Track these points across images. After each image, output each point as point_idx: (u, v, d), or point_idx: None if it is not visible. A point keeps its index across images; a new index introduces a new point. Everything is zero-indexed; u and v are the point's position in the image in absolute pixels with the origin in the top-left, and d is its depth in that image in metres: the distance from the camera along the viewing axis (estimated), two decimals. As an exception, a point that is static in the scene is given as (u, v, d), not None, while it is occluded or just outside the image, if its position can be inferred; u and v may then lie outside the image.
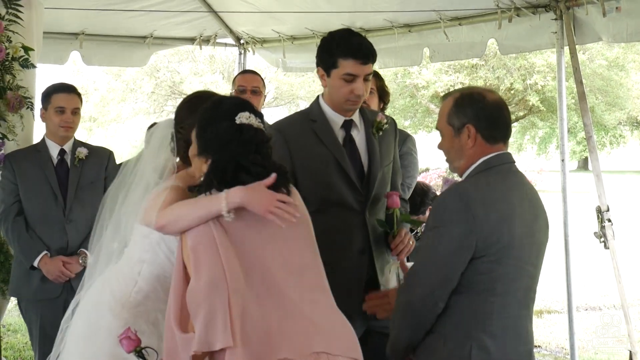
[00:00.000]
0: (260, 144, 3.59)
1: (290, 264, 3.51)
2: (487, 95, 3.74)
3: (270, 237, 3.52)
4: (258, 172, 3.55)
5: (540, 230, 3.76)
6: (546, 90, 37.54)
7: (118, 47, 8.86)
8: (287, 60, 9.09)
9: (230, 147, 3.55)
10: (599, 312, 11.43)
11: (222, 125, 3.59)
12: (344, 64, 4.38)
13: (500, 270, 3.57)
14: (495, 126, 3.73)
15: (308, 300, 3.48)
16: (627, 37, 6.50)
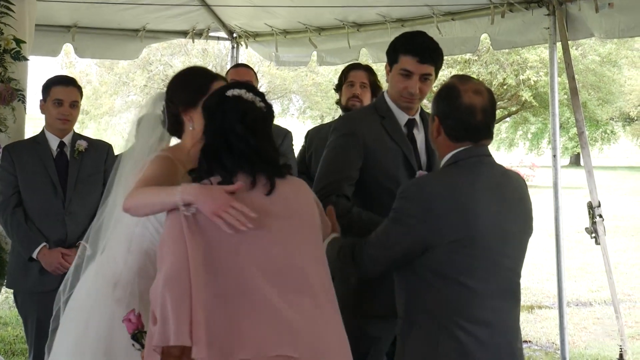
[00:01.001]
0: (251, 116, 3.46)
1: (273, 264, 3.36)
2: (466, 95, 3.68)
3: (252, 237, 3.36)
4: (241, 150, 3.41)
5: (514, 221, 3.74)
6: (539, 86, 37.60)
7: (110, 39, 8.85)
8: (280, 54, 9.09)
9: (216, 118, 3.49)
10: (590, 308, 11.47)
11: (212, 99, 3.57)
12: (403, 60, 4.45)
13: (465, 261, 3.57)
14: (460, 128, 3.70)
15: (289, 303, 3.34)
16: (620, 33, 6.51)
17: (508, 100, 42.08)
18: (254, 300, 3.32)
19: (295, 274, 3.39)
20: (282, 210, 3.44)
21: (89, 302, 4.14)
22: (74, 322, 4.19)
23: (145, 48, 9.43)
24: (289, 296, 3.35)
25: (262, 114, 3.51)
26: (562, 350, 7.02)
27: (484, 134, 3.73)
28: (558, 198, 6.88)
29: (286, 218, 3.44)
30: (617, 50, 43.88)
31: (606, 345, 9.22)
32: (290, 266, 3.39)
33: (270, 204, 3.41)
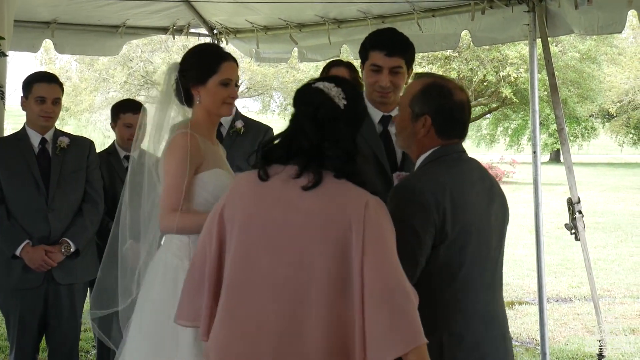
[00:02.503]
0: (323, 112, 3.37)
1: (263, 271, 3.32)
2: (456, 93, 3.77)
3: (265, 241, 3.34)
4: (300, 145, 3.36)
5: (496, 214, 3.82)
6: (519, 83, 37.73)
7: (90, 36, 8.81)
8: (261, 50, 9.08)
9: (295, 107, 3.49)
10: (570, 303, 11.52)
11: (300, 88, 3.54)
12: (372, 55, 4.57)
13: (460, 256, 3.62)
14: (453, 126, 3.79)
15: (280, 314, 3.27)
16: (599, 30, 6.53)
17: (488, 97, 42.20)
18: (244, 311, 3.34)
19: (293, 285, 3.29)
20: (313, 208, 3.31)
21: (164, 294, 4.17)
22: (152, 314, 4.24)
23: (125, 44, 9.39)
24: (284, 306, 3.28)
25: (336, 112, 3.40)
26: (542, 346, 7.04)
27: (467, 131, 3.85)
28: (538, 194, 6.91)
29: (313, 216, 3.31)
30: (597, 47, 44.11)
31: (586, 341, 9.27)
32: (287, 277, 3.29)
33: (300, 198, 3.31)
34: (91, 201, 6.00)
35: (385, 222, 3.33)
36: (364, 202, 3.29)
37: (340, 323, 3.25)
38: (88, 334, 7.87)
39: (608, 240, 17.85)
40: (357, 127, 3.47)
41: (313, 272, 3.26)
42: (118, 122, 6.36)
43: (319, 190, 3.30)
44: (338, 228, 3.27)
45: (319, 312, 3.25)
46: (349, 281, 3.24)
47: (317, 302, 3.25)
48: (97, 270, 5.99)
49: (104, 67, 42.06)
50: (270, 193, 3.35)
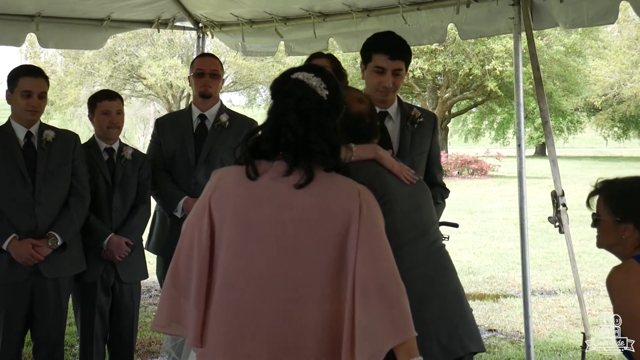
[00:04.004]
0: (306, 104, 3.34)
1: (258, 269, 3.28)
2: (352, 106, 4.09)
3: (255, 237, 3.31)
4: (287, 140, 3.31)
5: (417, 191, 4.34)
6: (504, 76, 37.85)
7: (74, 29, 8.75)
8: (247, 44, 9.05)
9: (275, 100, 3.43)
10: (555, 296, 11.55)
11: (278, 79, 3.49)
12: (375, 58, 4.93)
13: (387, 225, 3.63)
14: (352, 133, 4.09)
15: (276, 312, 3.26)
16: (589, 22, 6.51)
17: (474, 91, 42.31)
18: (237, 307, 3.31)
19: (284, 282, 3.27)
20: (308, 205, 3.29)
21: None
22: None
23: (110, 38, 9.34)
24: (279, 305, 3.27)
25: (320, 103, 3.36)
26: (527, 339, 7.06)
27: (374, 135, 4.36)
28: (523, 187, 6.91)
29: (307, 212, 3.29)
30: (582, 40, 44.25)
31: (570, 333, 9.30)
32: (279, 274, 3.28)
33: (293, 194, 3.29)
34: (77, 195, 5.98)
35: (377, 211, 3.35)
36: (356, 192, 3.31)
37: (336, 318, 3.25)
38: (72, 328, 7.85)
39: (593, 233, 17.72)
40: (338, 116, 3.45)
41: (309, 268, 3.25)
42: (96, 112, 6.32)
43: (311, 187, 3.29)
44: (335, 222, 3.27)
45: (315, 308, 3.25)
46: (344, 274, 3.25)
47: (313, 299, 3.25)
48: (83, 264, 6.02)
49: (89, 61, 41.95)
50: (262, 191, 3.32)
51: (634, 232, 3.86)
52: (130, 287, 6.36)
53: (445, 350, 4.08)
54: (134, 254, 6.29)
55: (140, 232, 6.45)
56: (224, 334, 3.31)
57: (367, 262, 3.21)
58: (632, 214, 3.86)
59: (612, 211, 3.92)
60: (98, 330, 6.25)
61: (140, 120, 58.27)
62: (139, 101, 52.94)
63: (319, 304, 3.24)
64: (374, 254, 3.24)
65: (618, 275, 3.83)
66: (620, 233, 3.90)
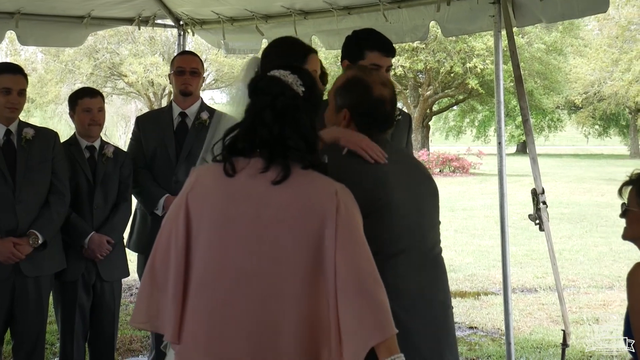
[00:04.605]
0: (282, 101, 3.34)
1: (235, 266, 3.28)
2: (375, 88, 3.90)
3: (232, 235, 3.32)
4: (263, 137, 3.31)
5: (424, 195, 4.02)
6: (485, 74, 37.94)
7: (54, 26, 8.71)
8: (228, 41, 9.04)
9: (251, 97, 3.43)
10: (535, 294, 11.59)
11: (255, 77, 3.52)
12: (370, 56, 4.90)
13: (382, 231, 3.67)
14: (372, 121, 3.92)
15: (254, 308, 3.25)
16: (580, 13, 6.53)
17: (455, 89, 42.40)
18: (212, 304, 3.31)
19: (263, 279, 3.26)
20: (284, 201, 3.29)
21: None
22: None
23: (90, 35, 9.32)
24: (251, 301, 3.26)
25: (296, 100, 3.36)
26: (507, 336, 7.08)
27: (389, 124, 4.01)
28: (503, 185, 6.92)
29: (284, 209, 3.29)
30: (563, 38, 44.42)
31: (550, 331, 9.34)
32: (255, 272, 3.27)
33: (270, 191, 3.29)
34: (58, 192, 5.96)
35: (355, 210, 3.35)
36: (333, 191, 3.31)
37: (314, 316, 3.25)
38: (53, 327, 7.82)
39: (573, 231, 17.97)
40: (315, 113, 3.45)
41: (287, 265, 3.25)
42: (77, 109, 6.31)
43: (288, 184, 3.28)
44: (313, 219, 3.26)
45: (294, 306, 3.24)
46: (323, 273, 3.24)
47: (291, 296, 3.25)
48: (63, 262, 6.00)
49: (70, 59, 41.82)
50: (239, 189, 3.32)
51: None
52: (112, 285, 6.35)
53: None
54: (115, 252, 6.28)
55: (122, 230, 6.44)
56: (203, 330, 3.30)
57: (347, 263, 3.21)
58: None
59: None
60: (79, 328, 6.24)
61: (121, 118, 58.15)
62: (120, 99, 52.81)
63: (298, 301, 3.24)
64: (353, 253, 3.24)
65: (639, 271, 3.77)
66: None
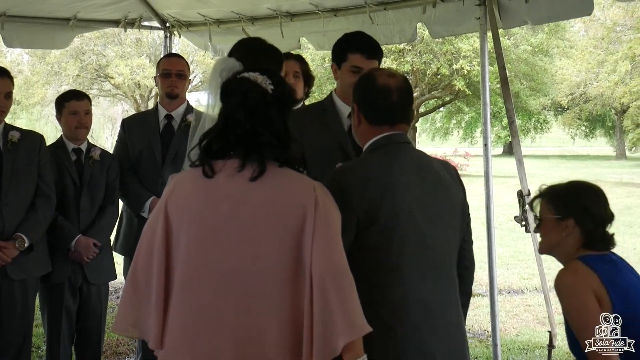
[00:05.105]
0: (252, 98, 3.37)
1: (217, 266, 3.29)
2: (380, 78, 3.85)
3: (204, 237, 3.33)
4: (236, 134, 3.35)
5: (439, 203, 3.82)
6: (472, 75, 37.95)
7: (40, 29, 8.68)
8: (215, 43, 9.03)
9: (222, 100, 3.47)
10: (521, 295, 11.62)
11: (226, 81, 3.54)
12: (351, 58, 4.87)
13: (389, 241, 3.62)
14: (377, 110, 3.84)
15: (237, 307, 3.26)
16: (565, 15, 6.59)
17: (442, 90, 42.41)
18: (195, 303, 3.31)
19: (245, 276, 3.27)
20: (263, 199, 3.31)
21: None
22: None
23: (77, 37, 9.28)
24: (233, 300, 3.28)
25: (265, 96, 3.40)
26: (494, 337, 7.09)
27: (400, 116, 3.84)
28: (489, 187, 6.93)
29: (263, 207, 3.32)
30: (549, 40, 44.49)
31: (537, 332, 9.36)
32: (239, 269, 3.28)
33: (249, 190, 3.32)
34: (44, 195, 5.96)
35: (332, 207, 3.37)
36: (312, 188, 3.34)
37: (298, 314, 3.26)
38: (39, 330, 7.81)
39: (560, 232, 17.95)
40: (286, 111, 3.47)
41: (267, 263, 3.26)
42: (63, 112, 6.30)
43: (266, 182, 3.31)
44: (292, 217, 3.28)
45: (275, 304, 3.25)
46: (302, 270, 3.26)
47: (272, 294, 3.26)
48: (49, 265, 5.98)
49: (56, 60, 41.67)
50: (218, 189, 3.34)
51: (575, 229, 3.99)
52: (98, 288, 6.34)
53: None
54: (101, 255, 6.27)
55: (108, 233, 6.43)
56: (186, 333, 3.31)
57: (322, 260, 3.22)
58: (572, 210, 3.99)
59: (554, 210, 4.04)
60: (65, 331, 6.22)
61: (108, 120, 57.97)
62: (107, 101, 52.65)
63: (280, 298, 3.25)
64: (328, 251, 3.25)
65: (566, 276, 3.94)
66: (562, 230, 4.01)
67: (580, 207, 3.99)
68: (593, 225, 3.98)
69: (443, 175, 3.91)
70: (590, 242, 4.00)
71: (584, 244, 4.00)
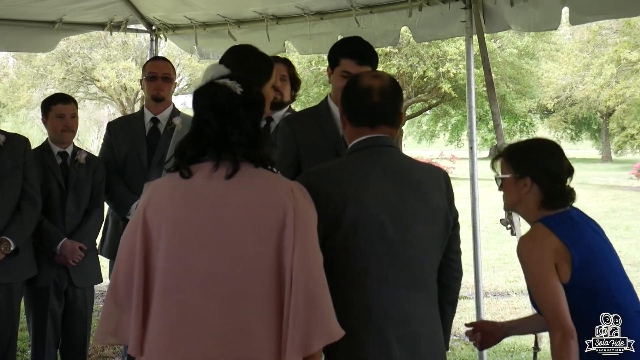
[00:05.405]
0: (220, 99, 3.39)
1: (199, 268, 3.27)
2: (363, 79, 3.81)
3: (189, 241, 3.29)
4: (208, 136, 3.36)
5: (414, 210, 3.67)
6: (458, 78, 38.02)
7: (26, 32, 8.67)
8: (201, 47, 9.03)
9: (193, 106, 3.50)
10: (507, 298, 11.64)
11: (197, 88, 3.56)
12: (343, 63, 4.88)
13: (353, 247, 3.55)
14: (357, 110, 3.78)
15: (220, 310, 3.23)
16: (535, 27, 6.63)
17: (428, 93, 42.46)
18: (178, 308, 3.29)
19: (227, 280, 3.25)
20: (243, 200, 3.30)
21: None
22: None
23: (63, 40, 9.26)
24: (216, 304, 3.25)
25: (233, 97, 3.39)
26: (480, 340, 7.09)
27: (381, 117, 3.75)
28: (475, 190, 6.95)
29: (243, 208, 3.30)
30: (535, 43, 44.58)
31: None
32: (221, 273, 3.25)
33: (228, 191, 3.30)
34: (29, 198, 5.94)
35: (310, 208, 3.37)
36: (289, 189, 3.34)
37: (279, 315, 3.24)
38: (24, 334, 7.79)
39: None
40: (256, 113, 3.48)
41: (249, 263, 3.25)
42: (50, 115, 6.29)
43: (245, 183, 3.31)
44: (272, 218, 3.27)
45: (262, 306, 3.24)
46: (283, 273, 3.25)
47: (257, 295, 3.24)
48: (34, 269, 5.96)
49: (42, 63, 41.60)
50: (196, 191, 3.32)
51: (533, 187, 4.04)
52: (84, 291, 6.33)
53: None
54: (87, 258, 6.26)
55: (94, 236, 6.42)
56: (168, 337, 3.28)
57: (303, 268, 3.22)
58: (528, 169, 4.05)
59: (512, 169, 4.11)
60: (50, 335, 6.21)
61: (94, 123, 57.88)
62: (93, 104, 52.55)
63: (262, 300, 3.24)
64: (307, 258, 3.25)
65: (526, 244, 4.01)
66: (520, 189, 4.07)
67: (536, 166, 4.05)
68: (550, 183, 4.03)
69: (425, 182, 3.76)
70: (549, 200, 4.04)
71: (543, 202, 4.04)
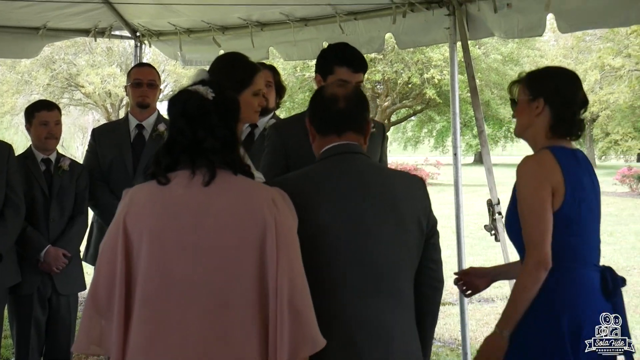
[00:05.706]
0: (191, 106, 3.38)
1: (180, 277, 3.25)
2: (328, 88, 3.83)
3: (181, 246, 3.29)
4: (182, 144, 3.35)
5: (381, 218, 3.61)
6: (443, 84, 38.14)
7: (10, 38, 8.65)
8: (185, 53, 9.03)
9: (169, 113, 3.50)
10: (492, 304, 11.66)
11: (171, 97, 3.56)
12: (338, 71, 4.87)
13: (316, 256, 3.50)
14: (324, 118, 3.77)
15: (202, 319, 3.22)
16: (518, 33, 6.65)
17: (413, 99, 42.56)
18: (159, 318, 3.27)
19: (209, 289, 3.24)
20: (224, 209, 3.29)
21: None
22: None
23: (47, 46, 9.24)
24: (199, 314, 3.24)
25: (205, 102, 3.38)
26: (464, 346, 7.13)
27: (348, 124, 3.73)
28: (459, 195, 6.98)
29: (224, 216, 3.29)
30: (519, 49, 44.76)
31: (507, 340, 9.37)
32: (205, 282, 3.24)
33: (207, 199, 3.29)
34: (12, 205, 5.92)
35: (290, 214, 3.38)
36: (270, 198, 3.33)
37: (262, 324, 3.24)
38: (8, 341, 7.76)
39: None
40: (230, 117, 3.46)
41: (231, 271, 3.25)
42: (33, 122, 6.28)
43: (225, 191, 3.31)
44: (253, 227, 3.27)
45: (242, 314, 3.23)
46: (266, 282, 3.25)
47: (238, 304, 3.24)
48: (17, 276, 5.94)
49: (26, 69, 41.46)
50: (175, 200, 3.31)
51: (545, 109, 4.05)
52: (68, 299, 6.31)
53: None
54: (71, 265, 6.24)
55: (78, 243, 6.40)
56: (149, 346, 3.27)
57: (285, 269, 3.23)
58: (543, 90, 4.07)
59: (527, 91, 4.12)
60: (34, 342, 6.19)
61: (78, 129, 57.73)
62: (77, 110, 52.41)
63: (244, 309, 3.23)
64: (291, 268, 3.25)
65: (531, 164, 4.00)
66: (532, 111, 4.08)
67: (552, 88, 4.07)
68: (562, 106, 4.04)
69: (394, 189, 3.71)
70: (557, 125, 4.05)
71: (552, 127, 4.05)
